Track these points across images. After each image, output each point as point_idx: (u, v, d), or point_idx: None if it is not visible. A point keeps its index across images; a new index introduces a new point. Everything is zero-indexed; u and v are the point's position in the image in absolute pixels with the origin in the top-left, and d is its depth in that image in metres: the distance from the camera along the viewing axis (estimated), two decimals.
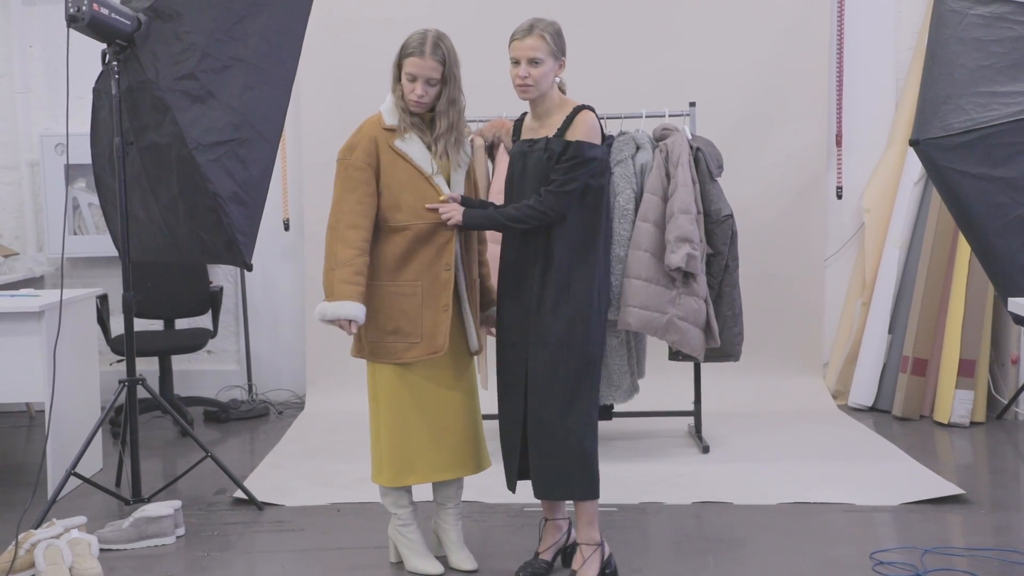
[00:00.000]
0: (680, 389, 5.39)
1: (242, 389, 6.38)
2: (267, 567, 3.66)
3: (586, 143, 3.26)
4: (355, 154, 3.36)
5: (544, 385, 3.29)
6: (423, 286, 3.36)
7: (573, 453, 3.29)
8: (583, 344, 3.28)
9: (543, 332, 3.28)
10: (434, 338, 3.37)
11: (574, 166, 3.23)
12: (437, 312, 3.37)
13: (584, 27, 5.90)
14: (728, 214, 4.72)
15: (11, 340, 4.31)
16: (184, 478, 4.46)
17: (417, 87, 3.33)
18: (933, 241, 5.67)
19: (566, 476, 3.31)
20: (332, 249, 3.35)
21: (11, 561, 3.52)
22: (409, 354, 3.37)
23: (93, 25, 3.86)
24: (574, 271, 3.27)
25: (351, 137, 3.41)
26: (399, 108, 3.38)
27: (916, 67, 5.98)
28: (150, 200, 4.21)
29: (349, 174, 3.36)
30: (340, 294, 3.29)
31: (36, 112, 6.40)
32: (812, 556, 3.64)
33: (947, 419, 5.49)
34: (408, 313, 3.36)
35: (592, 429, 3.34)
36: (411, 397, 3.40)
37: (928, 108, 3.71)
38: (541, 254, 3.29)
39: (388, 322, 3.36)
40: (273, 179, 4.31)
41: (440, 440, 3.43)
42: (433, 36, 3.35)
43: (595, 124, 3.31)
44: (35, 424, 5.96)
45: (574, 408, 3.28)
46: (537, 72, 3.27)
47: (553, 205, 3.23)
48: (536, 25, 3.29)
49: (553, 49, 3.28)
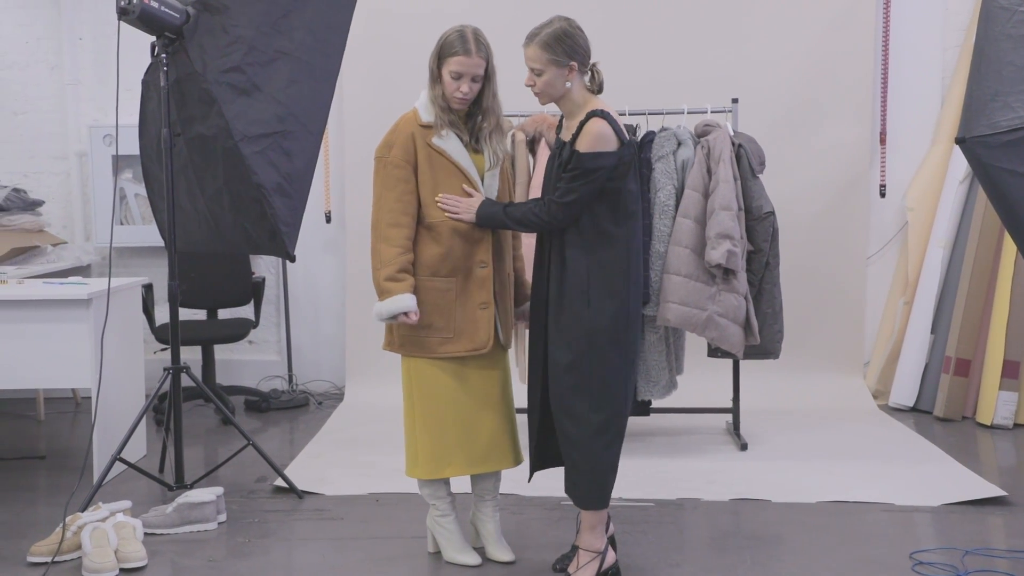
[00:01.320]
0: (719, 386, 5.38)
1: (282, 379, 6.45)
2: (307, 555, 3.70)
3: (588, 154, 3.16)
4: (393, 152, 3.37)
5: (561, 393, 3.27)
6: (457, 282, 3.38)
7: (587, 465, 3.26)
8: (598, 353, 3.22)
9: (558, 335, 3.27)
10: (474, 335, 3.39)
11: (574, 177, 3.17)
12: (474, 309, 3.39)
13: (626, 22, 5.90)
14: (769, 211, 4.70)
15: (59, 327, 4.39)
16: (226, 465, 4.53)
17: (463, 85, 3.33)
18: (978, 240, 5.61)
19: (579, 485, 3.29)
20: (376, 248, 3.38)
21: (59, 543, 3.59)
22: (444, 348, 3.39)
23: (143, 18, 3.92)
24: (591, 277, 3.21)
25: (388, 135, 3.42)
26: (436, 105, 3.38)
27: (962, 65, 5.92)
28: (196, 191, 4.27)
29: (388, 172, 3.37)
30: (389, 291, 3.32)
31: (85, 104, 6.50)
32: (851, 555, 3.62)
33: (990, 420, 5.43)
34: (441, 308, 3.38)
35: (610, 442, 3.27)
36: (446, 391, 3.42)
37: (975, 106, 3.66)
38: (556, 254, 3.27)
39: (421, 317, 3.37)
40: (315, 172, 4.35)
41: (475, 433, 3.45)
42: (473, 32, 3.36)
43: (602, 132, 3.18)
44: (81, 410, 6.07)
45: (589, 419, 3.23)
46: (541, 81, 3.24)
47: (555, 214, 3.20)
48: (536, 33, 3.23)
49: (553, 57, 3.20)
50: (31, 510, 4.22)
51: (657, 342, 4.72)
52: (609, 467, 3.29)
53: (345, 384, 6.29)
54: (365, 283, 5.90)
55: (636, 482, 4.37)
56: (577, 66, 3.23)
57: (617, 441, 3.30)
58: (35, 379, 4.68)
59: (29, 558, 3.60)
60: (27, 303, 4.40)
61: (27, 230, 6.13)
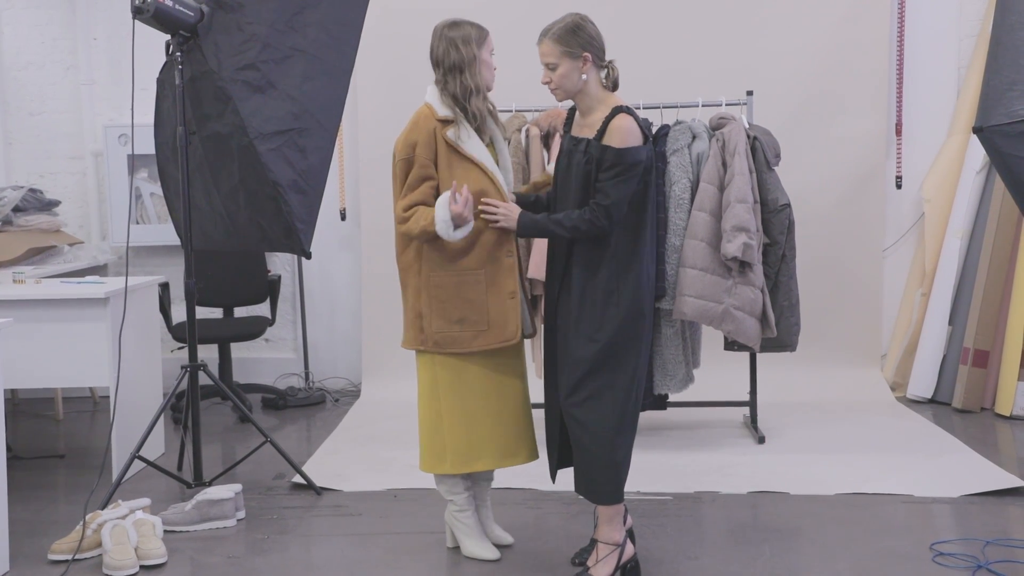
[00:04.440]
0: (736, 379, 5.37)
1: (299, 377, 6.46)
2: (326, 550, 3.71)
3: (627, 150, 3.16)
4: (418, 151, 3.35)
5: (580, 389, 3.25)
6: (486, 273, 3.38)
7: (605, 460, 3.24)
8: (611, 344, 3.21)
9: (578, 330, 3.25)
10: (504, 327, 3.38)
11: (619, 173, 3.16)
12: (503, 299, 3.38)
13: (640, 16, 5.89)
14: (785, 203, 4.69)
15: (77, 326, 4.41)
16: (244, 463, 4.54)
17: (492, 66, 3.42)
18: (996, 231, 5.58)
19: (596, 481, 3.27)
20: (400, 231, 3.39)
21: (79, 540, 3.61)
22: (476, 343, 3.38)
23: (158, 16, 3.94)
24: (614, 272, 3.21)
25: (408, 132, 3.40)
26: (476, 95, 3.36)
27: (978, 55, 5.88)
28: (211, 189, 4.28)
29: (414, 172, 3.36)
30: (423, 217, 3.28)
31: (100, 103, 6.53)
32: (870, 547, 3.60)
33: (1009, 411, 5.40)
34: (473, 302, 3.37)
35: (628, 435, 3.28)
36: (473, 385, 3.43)
37: (992, 95, 3.64)
38: (580, 248, 3.26)
39: (454, 312, 3.37)
40: (330, 169, 4.35)
41: (502, 426, 3.46)
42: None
43: (631, 128, 3.20)
44: (99, 409, 6.10)
45: (610, 413, 3.22)
46: (557, 75, 3.24)
47: (604, 216, 3.17)
48: (549, 28, 3.26)
49: (566, 50, 3.21)
50: (51, 508, 4.24)
51: (674, 336, 4.71)
52: (625, 460, 3.29)
53: (361, 381, 6.30)
54: (381, 280, 5.98)
55: (654, 476, 4.37)
56: (591, 58, 3.23)
57: (633, 433, 3.31)
58: (53, 378, 4.70)
59: (50, 556, 3.62)
60: (45, 303, 4.42)
61: (44, 230, 6.16)
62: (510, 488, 4.21)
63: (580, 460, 3.30)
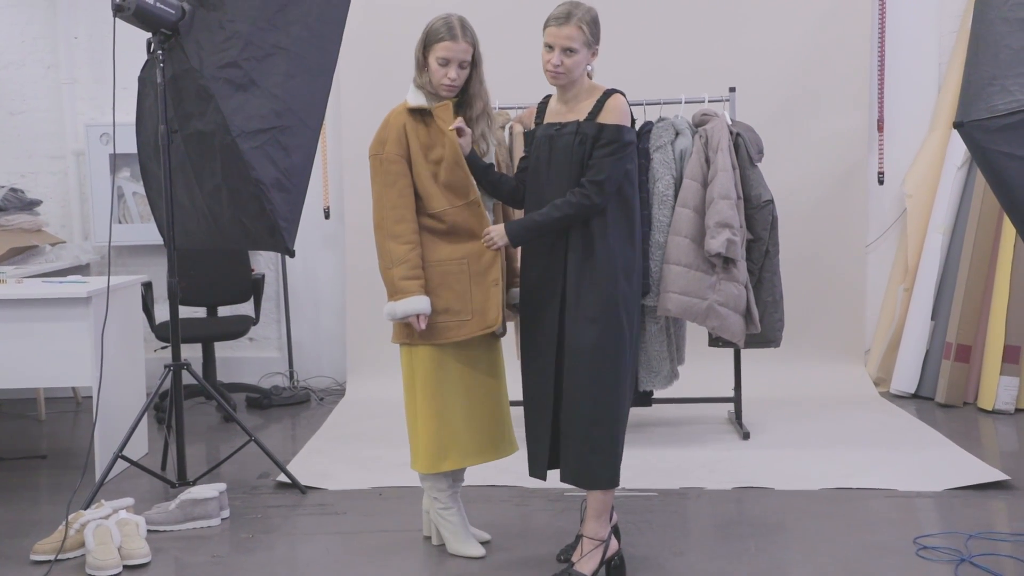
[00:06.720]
0: (720, 375, 5.38)
1: (283, 376, 6.45)
2: (311, 549, 3.70)
3: (624, 127, 3.22)
4: (387, 148, 3.37)
5: (584, 371, 3.24)
6: (469, 262, 3.38)
7: (606, 442, 3.24)
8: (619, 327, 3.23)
9: (579, 313, 3.24)
10: (485, 314, 3.38)
11: (615, 150, 3.19)
12: (487, 287, 3.38)
13: (623, 12, 5.88)
14: (768, 199, 4.70)
15: (59, 326, 4.38)
16: (228, 462, 4.52)
17: (451, 71, 3.33)
18: (977, 226, 5.61)
19: (595, 464, 3.26)
20: (385, 247, 3.37)
21: (62, 540, 3.59)
22: (461, 332, 3.38)
23: (139, 14, 3.91)
24: (612, 253, 3.22)
25: (380, 131, 3.42)
26: (426, 95, 3.39)
27: (959, 51, 5.91)
28: (194, 187, 4.26)
29: (385, 168, 3.37)
30: (404, 290, 3.32)
31: (82, 102, 6.49)
32: (854, 541, 3.62)
33: (991, 406, 5.43)
34: (457, 290, 3.37)
35: (625, 415, 3.32)
36: (449, 380, 3.42)
37: (972, 90, 3.66)
38: (576, 232, 3.24)
39: (438, 302, 3.36)
40: (313, 167, 4.34)
41: (474, 424, 3.46)
42: (458, 19, 3.37)
43: (626, 108, 3.26)
44: (81, 409, 6.06)
45: (612, 394, 3.24)
46: (570, 61, 3.22)
47: (598, 192, 3.17)
48: (574, 13, 3.22)
49: (588, 39, 3.23)
50: (34, 509, 4.22)
51: (658, 332, 4.71)
52: (622, 442, 3.30)
53: (346, 379, 6.29)
54: (365, 278, 5.96)
55: (639, 472, 4.37)
56: (597, 51, 3.29)
57: (626, 416, 3.34)
58: (35, 378, 4.66)
59: (32, 556, 3.60)
60: (27, 302, 4.39)
61: (25, 230, 6.12)
62: (495, 486, 4.21)
63: (576, 447, 3.25)
